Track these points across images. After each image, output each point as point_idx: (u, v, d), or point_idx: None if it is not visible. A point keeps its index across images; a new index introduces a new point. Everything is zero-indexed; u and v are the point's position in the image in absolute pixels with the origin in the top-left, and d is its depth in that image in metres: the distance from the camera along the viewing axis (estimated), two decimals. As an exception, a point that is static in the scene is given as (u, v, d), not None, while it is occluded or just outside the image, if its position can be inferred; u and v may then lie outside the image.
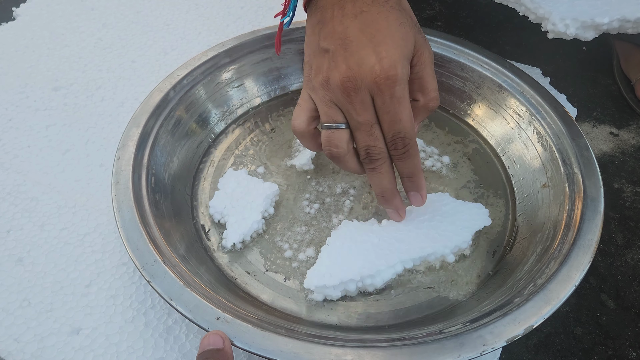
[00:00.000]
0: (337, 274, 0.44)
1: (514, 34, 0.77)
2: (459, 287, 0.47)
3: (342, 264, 0.45)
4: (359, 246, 0.46)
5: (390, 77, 0.39)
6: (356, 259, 0.45)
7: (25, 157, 0.58)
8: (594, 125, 0.65)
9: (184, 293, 0.40)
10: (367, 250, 0.46)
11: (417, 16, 0.79)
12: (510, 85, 0.57)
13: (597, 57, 0.74)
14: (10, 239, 0.51)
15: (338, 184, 0.55)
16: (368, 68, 0.39)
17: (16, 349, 0.44)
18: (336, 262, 0.45)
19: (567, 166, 0.50)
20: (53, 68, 0.69)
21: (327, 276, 0.44)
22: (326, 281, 0.44)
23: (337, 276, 0.44)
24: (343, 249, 0.46)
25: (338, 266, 0.45)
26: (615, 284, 0.51)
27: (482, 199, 0.54)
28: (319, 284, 0.44)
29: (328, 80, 0.41)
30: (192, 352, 0.44)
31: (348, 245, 0.46)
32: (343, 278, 0.44)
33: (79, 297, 0.47)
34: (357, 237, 0.47)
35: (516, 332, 0.38)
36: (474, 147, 0.58)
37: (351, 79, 0.40)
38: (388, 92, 0.40)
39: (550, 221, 0.48)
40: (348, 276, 0.44)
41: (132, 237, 0.44)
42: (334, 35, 0.41)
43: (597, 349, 0.46)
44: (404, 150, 0.42)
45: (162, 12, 0.78)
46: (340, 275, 0.44)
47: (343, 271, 0.44)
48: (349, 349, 0.37)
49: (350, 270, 0.45)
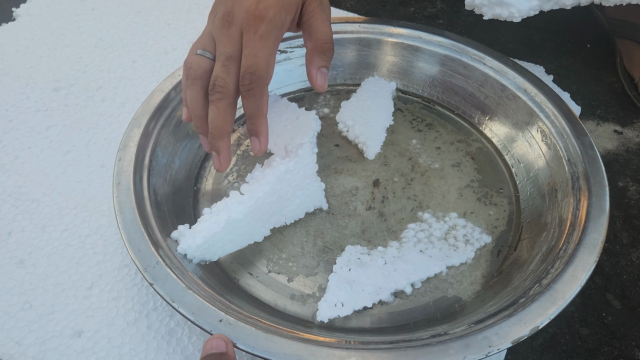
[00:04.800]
0: (349, 303, 0.44)
1: (517, 31, 0.76)
2: (463, 288, 0.47)
3: (353, 291, 0.45)
4: (366, 270, 0.46)
5: (259, 16, 0.42)
6: (365, 283, 0.45)
7: (26, 158, 0.58)
8: (597, 124, 0.65)
9: (186, 295, 0.40)
10: (375, 274, 0.46)
11: (419, 14, 0.79)
12: (513, 83, 0.57)
13: (600, 54, 0.74)
14: (11, 240, 0.51)
15: (341, 184, 0.54)
16: (246, 7, 0.43)
17: (17, 352, 0.44)
18: (346, 290, 0.45)
19: (572, 165, 0.49)
20: (53, 68, 0.68)
21: (340, 307, 0.44)
22: (339, 312, 0.44)
23: (350, 306, 0.44)
24: (351, 275, 0.46)
25: (349, 295, 0.45)
26: (621, 284, 0.50)
27: (486, 198, 0.53)
28: (332, 315, 0.44)
29: (216, 15, 0.44)
30: (194, 355, 0.44)
31: (355, 271, 0.46)
32: (355, 307, 0.44)
33: (80, 300, 0.47)
34: (363, 261, 0.47)
35: (522, 333, 0.37)
36: (477, 146, 0.58)
37: (229, 13, 0.43)
38: (253, 28, 0.42)
39: (555, 220, 0.47)
40: (360, 304, 0.45)
41: (134, 238, 0.43)
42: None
43: (603, 350, 0.46)
44: (250, 86, 0.43)
45: (163, 12, 0.77)
46: (352, 304, 0.44)
47: (354, 300, 0.45)
48: (353, 351, 0.37)
49: (361, 298, 0.45)
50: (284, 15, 0.43)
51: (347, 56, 0.63)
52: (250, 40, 0.42)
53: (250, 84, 0.42)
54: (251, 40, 0.42)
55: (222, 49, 0.43)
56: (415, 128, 0.60)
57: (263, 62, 0.42)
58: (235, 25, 0.43)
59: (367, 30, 0.63)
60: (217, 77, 0.43)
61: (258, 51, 0.42)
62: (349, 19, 0.64)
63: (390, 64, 0.63)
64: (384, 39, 0.62)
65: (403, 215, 0.52)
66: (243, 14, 0.43)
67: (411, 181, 0.55)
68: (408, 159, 0.57)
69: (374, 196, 0.53)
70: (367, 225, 0.51)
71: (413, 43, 0.62)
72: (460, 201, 0.53)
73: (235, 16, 0.43)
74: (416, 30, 0.62)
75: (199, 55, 0.45)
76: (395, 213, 0.52)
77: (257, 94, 0.43)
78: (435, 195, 0.54)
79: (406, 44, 0.62)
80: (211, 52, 0.45)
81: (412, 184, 0.54)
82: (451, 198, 0.53)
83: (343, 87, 0.64)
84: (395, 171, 0.56)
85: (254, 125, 0.45)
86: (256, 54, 0.42)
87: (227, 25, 0.43)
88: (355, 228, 0.51)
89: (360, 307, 0.44)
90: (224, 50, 0.43)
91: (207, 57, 0.45)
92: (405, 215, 0.52)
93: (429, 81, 0.62)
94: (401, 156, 0.57)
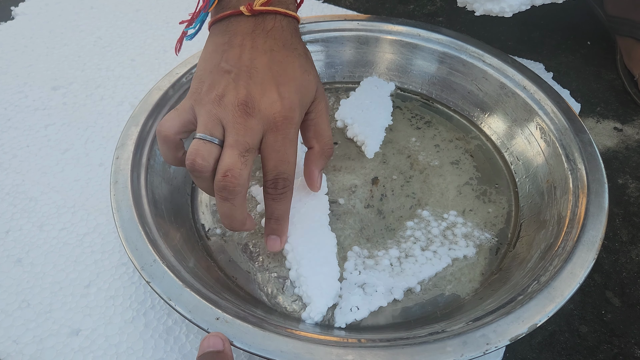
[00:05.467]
0: (364, 306, 0.45)
1: (517, 29, 0.76)
2: (462, 286, 0.47)
3: (366, 294, 0.45)
4: (375, 272, 0.47)
5: (288, 118, 0.40)
6: (377, 284, 0.46)
7: (24, 156, 0.58)
8: (597, 121, 0.65)
9: (183, 293, 0.39)
10: (384, 275, 0.46)
11: (418, 12, 0.79)
12: (513, 80, 0.57)
13: (600, 51, 0.73)
14: (9, 239, 0.51)
15: (339, 182, 0.54)
16: (269, 102, 0.40)
17: (15, 351, 0.43)
18: (359, 294, 0.45)
19: (571, 162, 0.49)
20: (52, 67, 0.68)
21: (355, 311, 0.44)
22: (356, 316, 0.44)
23: (366, 308, 0.44)
24: (361, 278, 0.46)
25: (362, 298, 0.45)
26: (620, 281, 0.50)
27: (485, 195, 0.53)
28: (349, 320, 0.44)
29: (222, 97, 0.40)
30: (192, 353, 0.43)
31: (365, 273, 0.46)
32: (372, 308, 0.45)
33: (78, 298, 0.47)
34: (368, 264, 0.47)
35: (520, 331, 0.37)
36: (476, 144, 0.58)
37: (248, 104, 0.40)
38: (283, 131, 0.40)
39: (554, 218, 0.47)
40: (375, 305, 0.45)
41: (131, 237, 0.43)
42: (240, 61, 0.41)
43: (602, 347, 0.46)
44: (283, 191, 0.42)
45: (162, 10, 0.77)
46: (368, 306, 0.45)
47: (369, 302, 0.45)
48: (350, 348, 0.37)
49: (376, 299, 0.45)
50: (302, 114, 0.43)
51: (346, 54, 0.63)
52: (278, 143, 0.40)
53: (283, 188, 0.42)
54: (280, 143, 0.40)
55: (242, 138, 0.39)
56: (414, 126, 0.60)
57: (293, 167, 0.42)
58: (256, 119, 0.40)
59: (365, 27, 0.63)
60: (233, 169, 0.39)
61: (289, 157, 0.41)
62: (348, 16, 0.64)
63: (389, 62, 0.63)
64: (383, 36, 0.62)
65: (402, 213, 0.52)
66: (268, 111, 0.40)
67: (410, 179, 0.55)
68: (407, 157, 0.57)
69: (373, 194, 0.53)
70: (366, 223, 0.51)
71: (412, 41, 0.62)
72: (459, 199, 0.53)
73: (258, 110, 0.40)
74: (415, 27, 0.62)
75: (207, 142, 0.40)
76: (393, 211, 0.52)
77: (288, 198, 0.43)
78: (434, 192, 0.53)
79: (405, 41, 0.62)
80: (218, 138, 0.40)
81: (410, 182, 0.54)
82: (450, 196, 0.53)
83: (341, 85, 0.64)
84: (394, 169, 0.55)
85: (279, 226, 0.44)
86: (289, 160, 0.41)
87: (247, 115, 0.39)
88: (353, 226, 0.51)
89: (375, 308, 0.45)
90: (244, 140, 0.39)
91: (215, 143, 0.40)
92: (403, 213, 0.52)
93: (427, 79, 0.62)
94: (400, 154, 0.57)
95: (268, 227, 0.45)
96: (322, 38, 0.62)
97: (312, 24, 0.62)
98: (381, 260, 0.48)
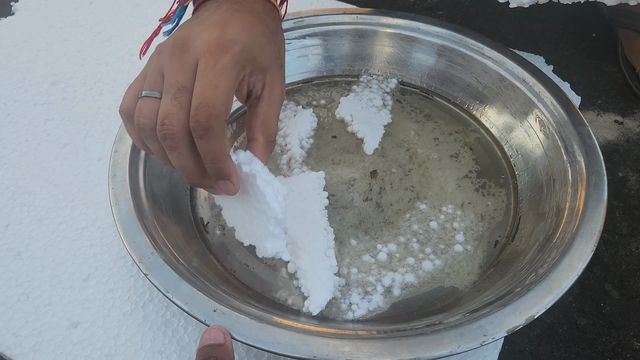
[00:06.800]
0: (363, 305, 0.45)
1: (517, 22, 0.76)
2: (460, 278, 0.47)
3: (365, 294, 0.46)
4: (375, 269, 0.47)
5: (223, 45, 0.35)
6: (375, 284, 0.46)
7: (23, 151, 0.58)
8: (598, 114, 0.64)
9: (180, 285, 0.40)
10: (383, 269, 0.47)
11: (419, 6, 0.79)
12: (512, 73, 0.57)
13: (601, 45, 0.73)
14: (8, 233, 0.51)
15: (338, 175, 0.54)
16: (207, 35, 0.36)
17: (14, 343, 0.44)
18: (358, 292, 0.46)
19: (570, 154, 0.49)
20: (51, 62, 0.68)
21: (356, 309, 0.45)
22: (355, 315, 0.44)
23: (365, 307, 0.45)
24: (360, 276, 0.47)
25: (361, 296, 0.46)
26: (620, 274, 0.50)
27: (484, 188, 0.53)
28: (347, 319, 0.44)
29: (164, 45, 0.37)
30: (190, 345, 0.44)
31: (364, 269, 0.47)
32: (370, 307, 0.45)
33: (77, 291, 0.47)
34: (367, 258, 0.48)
35: (517, 323, 0.37)
36: (475, 137, 0.58)
37: (183, 38, 0.36)
38: (214, 57, 0.35)
39: (553, 210, 0.47)
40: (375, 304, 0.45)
41: (129, 229, 0.43)
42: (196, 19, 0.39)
43: (600, 339, 0.46)
44: (208, 123, 0.34)
45: (161, 5, 0.77)
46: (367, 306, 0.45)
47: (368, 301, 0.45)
48: (347, 340, 0.37)
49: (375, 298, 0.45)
50: (249, 57, 0.37)
51: (345, 47, 0.63)
52: (209, 69, 0.35)
53: (207, 120, 0.34)
54: (210, 69, 0.35)
55: (173, 78, 0.35)
56: (414, 119, 0.60)
57: (223, 96, 0.35)
58: (189, 53, 0.36)
59: (364, 21, 0.62)
60: (167, 115, 0.35)
61: (219, 82, 0.35)
62: (347, 9, 0.63)
63: (388, 55, 0.63)
64: (381, 30, 0.62)
65: (400, 206, 0.52)
66: (202, 41, 0.36)
67: (409, 172, 0.54)
68: (406, 150, 0.56)
69: (372, 187, 0.53)
70: (364, 217, 0.51)
71: (411, 34, 0.61)
72: (458, 192, 0.53)
73: (191, 43, 0.36)
74: (414, 20, 0.61)
75: (147, 98, 0.36)
76: (392, 204, 0.52)
77: (217, 134, 0.35)
78: (433, 186, 0.53)
79: (404, 34, 0.62)
80: (158, 90, 0.36)
81: (409, 175, 0.54)
82: (449, 189, 0.53)
83: (341, 78, 0.64)
84: (393, 162, 0.55)
85: (220, 169, 0.37)
86: (217, 85, 0.35)
87: (179, 51, 0.36)
88: (352, 219, 0.51)
89: (373, 307, 0.45)
90: (175, 80, 0.35)
91: (157, 97, 0.36)
92: (402, 206, 0.52)
93: (427, 72, 0.62)
94: (399, 147, 0.57)
95: (210, 173, 0.38)
96: (320, 32, 0.62)
97: (311, 17, 0.62)
98: (379, 253, 0.48)
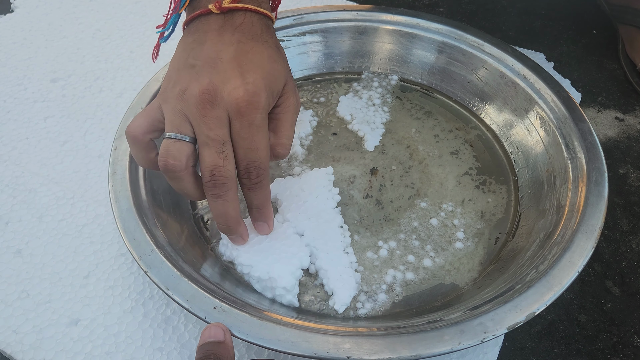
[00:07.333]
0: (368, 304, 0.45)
1: (518, 19, 0.75)
2: (461, 275, 0.47)
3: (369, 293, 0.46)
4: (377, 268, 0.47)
5: (252, 103, 0.38)
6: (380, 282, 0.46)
7: (23, 149, 0.58)
8: (599, 110, 0.64)
9: (180, 283, 0.40)
10: (384, 266, 0.47)
11: (419, 3, 0.78)
12: (513, 70, 0.56)
13: (602, 41, 0.73)
14: (8, 230, 0.51)
15: (338, 172, 0.54)
16: (232, 87, 0.38)
17: (15, 340, 0.44)
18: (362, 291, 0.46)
19: (570, 151, 0.49)
20: (51, 59, 0.68)
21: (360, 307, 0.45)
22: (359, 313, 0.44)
23: (370, 306, 0.45)
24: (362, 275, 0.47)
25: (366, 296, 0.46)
26: (620, 271, 0.50)
27: (485, 185, 0.53)
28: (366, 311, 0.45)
29: (185, 91, 0.39)
30: (190, 342, 0.44)
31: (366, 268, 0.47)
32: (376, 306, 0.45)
33: (77, 288, 0.47)
34: (368, 256, 0.48)
35: (518, 319, 0.37)
36: (475, 134, 0.58)
37: (211, 92, 0.38)
38: (248, 117, 0.38)
39: (553, 207, 0.47)
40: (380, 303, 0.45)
41: (129, 227, 0.43)
42: (206, 55, 0.40)
43: (601, 336, 0.46)
44: (257, 180, 0.40)
45: (161, 2, 0.77)
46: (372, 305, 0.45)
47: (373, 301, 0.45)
48: (348, 337, 0.37)
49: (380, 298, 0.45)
50: (270, 101, 0.40)
51: (345, 44, 0.63)
52: (244, 130, 0.38)
53: (257, 177, 0.40)
54: (246, 130, 0.38)
55: (213, 133, 0.38)
56: (414, 116, 0.59)
57: (264, 154, 0.40)
58: (220, 108, 0.38)
59: (364, 18, 0.62)
60: (217, 167, 0.38)
61: (258, 143, 0.39)
62: (347, 6, 0.63)
63: (388, 52, 0.63)
64: (382, 26, 0.62)
65: (401, 203, 0.51)
66: (231, 97, 0.38)
67: (409, 169, 0.54)
68: (406, 147, 0.56)
69: (372, 184, 0.53)
70: (365, 214, 0.51)
71: (411, 30, 0.61)
72: (459, 189, 0.53)
73: (220, 97, 0.38)
74: (414, 17, 0.61)
75: (176, 141, 0.39)
76: (392, 201, 0.52)
77: (264, 186, 0.41)
78: (433, 183, 0.53)
79: (404, 31, 0.61)
80: (187, 134, 0.39)
81: (410, 172, 0.54)
82: (449, 186, 0.53)
83: (341, 75, 0.64)
84: (393, 159, 0.55)
85: (263, 214, 0.43)
86: (258, 147, 0.39)
87: (210, 105, 0.38)
88: (352, 216, 0.50)
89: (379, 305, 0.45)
90: (215, 135, 0.38)
91: (186, 140, 0.39)
92: (402, 203, 0.51)
93: (427, 69, 0.62)
94: (399, 144, 0.57)
95: (252, 215, 0.44)
96: (320, 28, 0.62)
97: (311, 14, 0.62)
98: (380, 250, 0.47)
